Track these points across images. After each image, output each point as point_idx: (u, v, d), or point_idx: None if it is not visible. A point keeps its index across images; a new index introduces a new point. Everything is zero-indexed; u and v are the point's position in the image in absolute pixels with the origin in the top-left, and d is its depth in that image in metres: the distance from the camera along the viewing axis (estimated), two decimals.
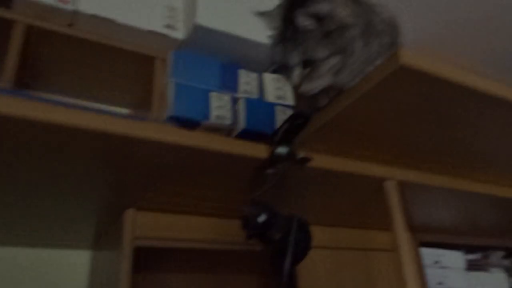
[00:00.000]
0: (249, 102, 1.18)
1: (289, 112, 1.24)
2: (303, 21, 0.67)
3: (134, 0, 1.14)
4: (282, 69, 0.76)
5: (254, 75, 1.23)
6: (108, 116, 0.60)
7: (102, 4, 1.08)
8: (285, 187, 0.84)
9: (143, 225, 0.90)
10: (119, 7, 1.11)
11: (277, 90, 1.26)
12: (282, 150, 0.71)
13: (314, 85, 0.70)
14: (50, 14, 1.04)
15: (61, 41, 1.09)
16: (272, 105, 1.22)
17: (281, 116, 1.23)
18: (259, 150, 0.72)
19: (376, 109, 0.67)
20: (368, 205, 1.04)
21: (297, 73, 0.70)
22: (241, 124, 1.15)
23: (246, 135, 1.19)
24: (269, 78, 1.26)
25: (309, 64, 0.68)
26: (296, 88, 0.71)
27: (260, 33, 1.23)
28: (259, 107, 1.20)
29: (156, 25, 1.14)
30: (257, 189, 0.77)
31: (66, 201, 0.89)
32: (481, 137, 0.78)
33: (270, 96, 1.25)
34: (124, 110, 1.41)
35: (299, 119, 0.71)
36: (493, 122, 0.71)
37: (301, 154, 0.67)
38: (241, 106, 1.17)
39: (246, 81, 1.22)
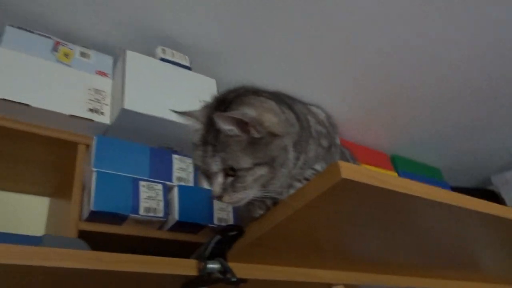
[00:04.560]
0: (184, 190, 1.08)
1: None
2: (224, 126, 0.59)
3: (55, 82, 1.04)
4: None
5: (189, 161, 1.15)
6: None
7: (16, 86, 0.97)
8: None
9: None
10: (37, 89, 1.00)
11: None
12: (213, 265, 0.61)
13: (239, 196, 0.60)
14: None
15: None
16: (209, 193, 1.12)
17: (219, 205, 1.14)
18: (187, 267, 0.62)
19: (316, 220, 0.60)
20: None
21: (219, 181, 0.61)
22: (175, 216, 1.05)
23: (180, 227, 1.08)
24: None
25: (232, 172, 0.60)
26: (217, 199, 0.62)
27: None
28: (195, 195, 1.10)
29: (79, 109, 1.04)
30: None
31: None
32: (421, 238, 0.74)
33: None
34: (44, 200, 1.25)
35: (232, 231, 0.63)
36: (431, 223, 0.68)
37: (235, 275, 0.57)
38: (175, 196, 1.07)
39: (181, 167, 1.12)
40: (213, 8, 1.21)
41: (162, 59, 1.18)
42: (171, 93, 1.13)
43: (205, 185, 1.13)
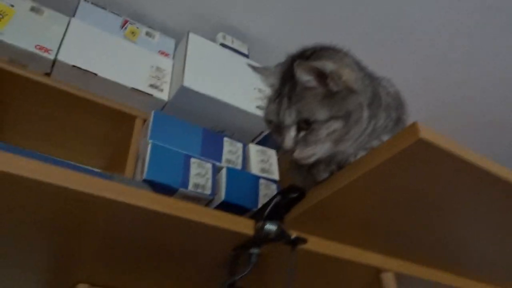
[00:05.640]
0: (232, 172, 1.09)
1: (274, 187, 1.16)
2: (303, 76, 0.59)
3: (120, 57, 1.09)
4: (272, 135, 0.67)
5: (239, 145, 1.16)
6: (68, 171, 0.50)
7: (85, 56, 1.02)
8: (268, 271, 0.73)
9: None
10: (103, 61, 1.05)
11: (262, 162, 1.18)
12: (271, 227, 0.61)
13: (311, 152, 0.59)
14: (27, 61, 0.97)
15: (34, 89, 1.00)
16: (255, 178, 1.13)
17: (265, 191, 1.14)
18: (244, 225, 0.62)
19: (381, 189, 0.59)
20: None
21: (291, 135, 0.60)
22: (221, 195, 1.06)
23: (225, 208, 1.09)
24: (254, 150, 1.19)
25: (306, 126, 0.59)
26: (289, 153, 0.61)
27: (248, 102, 1.19)
28: (242, 179, 1.11)
29: (141, 83, 1.08)
30: (236, 273, 0.66)
31: (13, 272, 0.75)
32: (484, 236, 0.71)
33: (254, 168, 1.17)
34: (96, 169, 1.29)
35: (293, 193, 0.63)
36: (503, 216, 0.65)
37: (294, 234, 0.57)
38: (223, 176, 1.09)
39: (230, 150, 1.14)
40: (275, 4, 1.25)
41: (222, 45, 1.21)
42: (228, 77, 1.15)
43: (254, 169, 1.15)
